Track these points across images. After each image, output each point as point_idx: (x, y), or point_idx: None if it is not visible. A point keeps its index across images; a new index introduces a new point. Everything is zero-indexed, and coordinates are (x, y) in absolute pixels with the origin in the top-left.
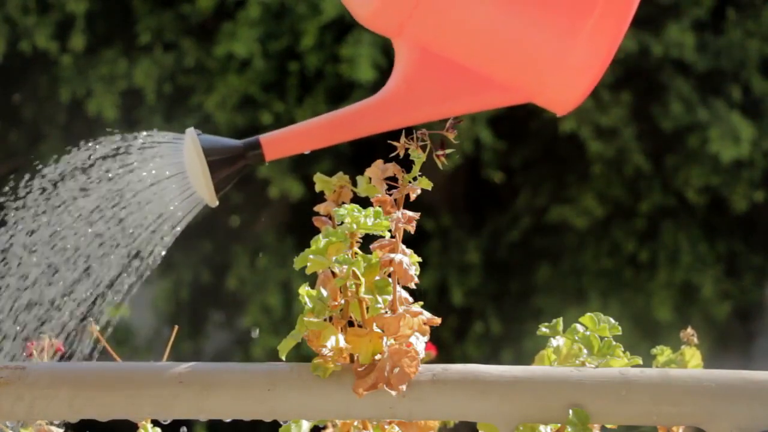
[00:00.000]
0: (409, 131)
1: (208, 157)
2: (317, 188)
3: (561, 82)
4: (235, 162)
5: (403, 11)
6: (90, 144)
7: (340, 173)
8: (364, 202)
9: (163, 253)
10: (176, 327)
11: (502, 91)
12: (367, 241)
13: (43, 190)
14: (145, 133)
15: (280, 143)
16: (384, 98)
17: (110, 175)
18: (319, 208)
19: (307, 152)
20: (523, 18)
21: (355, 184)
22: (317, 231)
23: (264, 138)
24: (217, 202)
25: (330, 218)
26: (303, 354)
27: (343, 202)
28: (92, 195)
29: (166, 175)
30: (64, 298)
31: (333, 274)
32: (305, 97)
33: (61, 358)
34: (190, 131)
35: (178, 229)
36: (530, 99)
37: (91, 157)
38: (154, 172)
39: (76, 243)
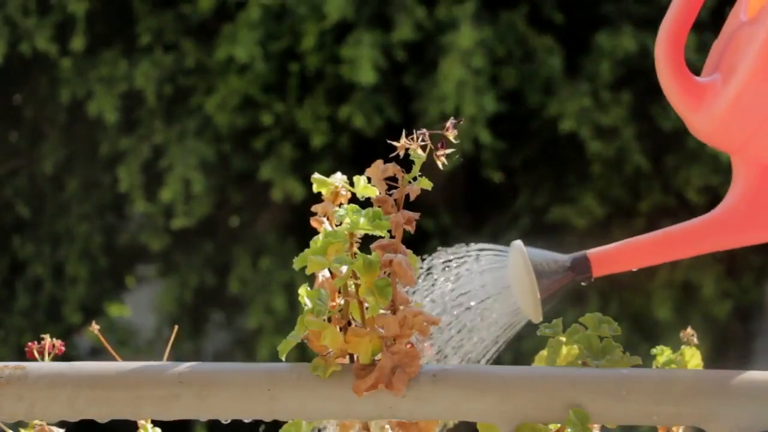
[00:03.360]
0: (409, 131)
1: (537, 272)
2: (315, 189)
3: None
4: (562, 277)
5: (748, 129)
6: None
7: (338, 173)
8: (365, 202)
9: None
10: (176, 327)
11: None
12: (367, 241)
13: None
14: (471, 246)
15: (609, 260)
16: (719, 217)
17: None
18: (316, 208)
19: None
20: None
21: (353, 184)
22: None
23: (592, 254)
24: (541, 318)
25: (327, 218)
26: (308, 356)
27: (341, 203)
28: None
29: (489, 289)
30: None
31: (332, 274)
32: (306, 98)
33: None
34: (518, 245)
35: (496, 346)
36: None
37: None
38: (478, 285)
39: None
